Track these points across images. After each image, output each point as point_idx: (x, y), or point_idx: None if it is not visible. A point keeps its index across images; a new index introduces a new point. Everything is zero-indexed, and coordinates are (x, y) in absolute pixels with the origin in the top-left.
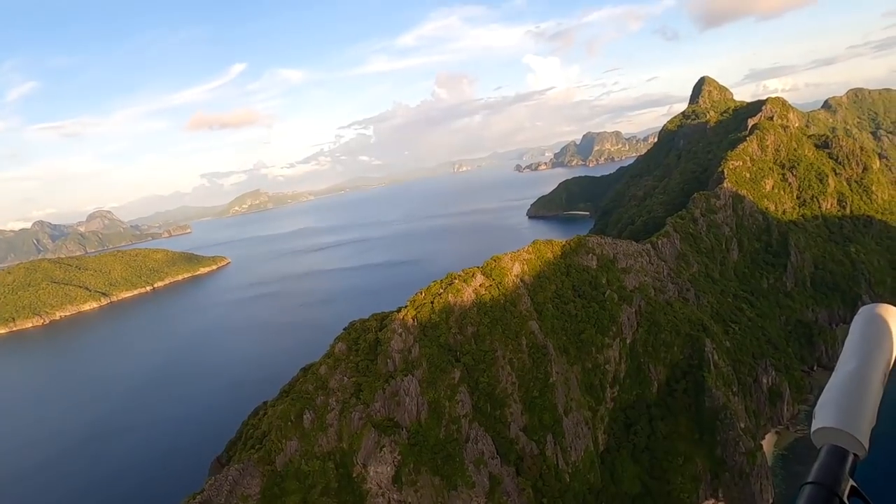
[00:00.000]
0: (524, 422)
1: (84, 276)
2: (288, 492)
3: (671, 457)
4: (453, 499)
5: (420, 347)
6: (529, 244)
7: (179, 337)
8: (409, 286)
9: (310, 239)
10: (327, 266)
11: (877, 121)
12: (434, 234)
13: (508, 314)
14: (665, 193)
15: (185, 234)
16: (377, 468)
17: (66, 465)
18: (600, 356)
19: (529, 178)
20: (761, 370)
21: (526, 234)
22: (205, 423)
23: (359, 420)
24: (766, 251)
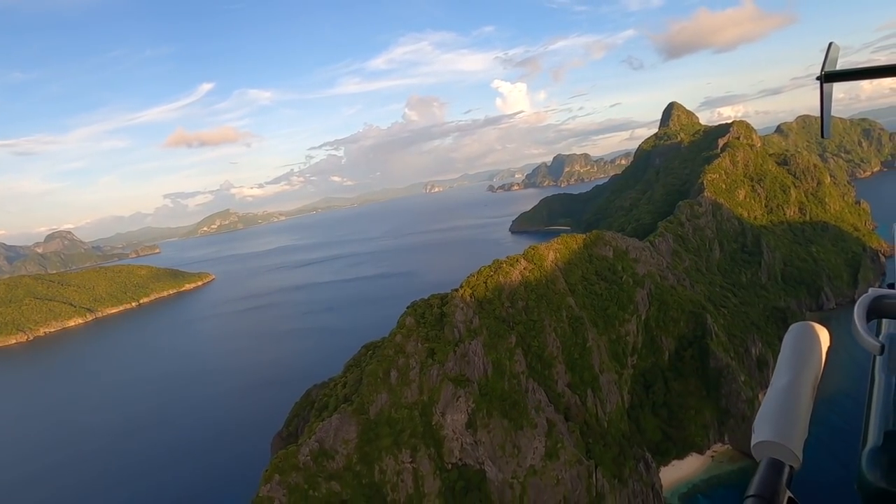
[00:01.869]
0: (568, 379)
1: (68, 292)
2: (381, 436)
3: (684, 410)
4: (519, 437)
5: (479, 318)
6: (557, 238)
7: (193, 343)
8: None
9: (293, 255)
10: (320, 279)
11: (823, 144)
12: (421, 248)
13: (550, 291)
14: (650, 203)
15: (153, 254)
16: (453, 416)
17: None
18: (622, 329)
19: (503, 198)
20: (750, 342)
21: (511, 246)
22: (250, 413)
23: (436, 376)
24: (742, 251)
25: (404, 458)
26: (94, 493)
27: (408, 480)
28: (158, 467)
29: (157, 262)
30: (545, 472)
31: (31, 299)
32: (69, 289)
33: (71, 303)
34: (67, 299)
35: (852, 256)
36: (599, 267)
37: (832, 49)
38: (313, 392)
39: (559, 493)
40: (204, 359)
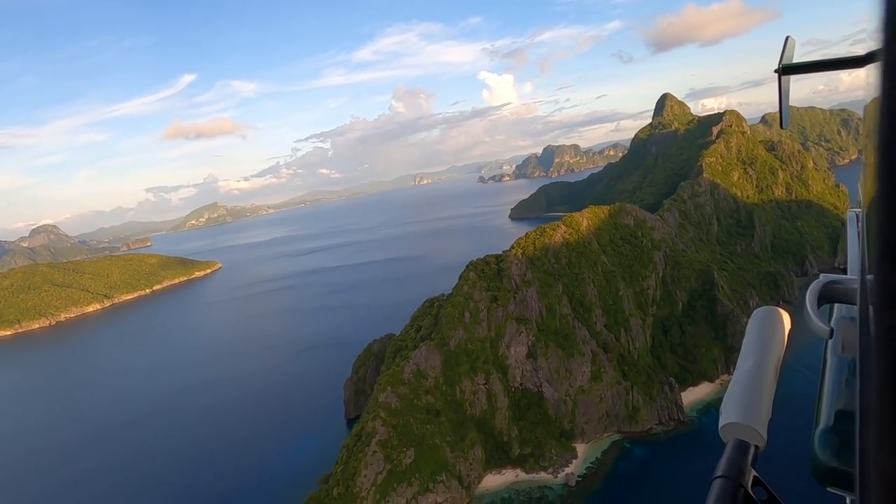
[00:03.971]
0: (604, 321)
1: (83, 280)
2: (460, 363)
3: (697, 348)
4: (570, 363)
5: (531, 272)
6: (587, 208)
7: (227, 321)
8: (426, 275)
9: (295, 245)
10: (330, 265)
11: (804, 133)
12: (424, 236)
13: (587, 250)
14: (652, 186)
15: (145, 247)
16: (516, 348)
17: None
18: (644, 283)
19: (495, 189)
20: (749, 296)
21: (513, 232)
22: (308, 370)
23: (501, 316)
24: (737, 225)
25: (479, 381)
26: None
27: (482, 398)
28: (229, 421)
29: (158, 254)
30: (591, 391)
31: (49, 286)
32: (84, 276)
33: (87, 289)
34: (83, 286)
35: (832, 231)
36: (623, 233)
37: (788, 43)
38: (374, 345)
39: (603, 408)
40: (244, 334)
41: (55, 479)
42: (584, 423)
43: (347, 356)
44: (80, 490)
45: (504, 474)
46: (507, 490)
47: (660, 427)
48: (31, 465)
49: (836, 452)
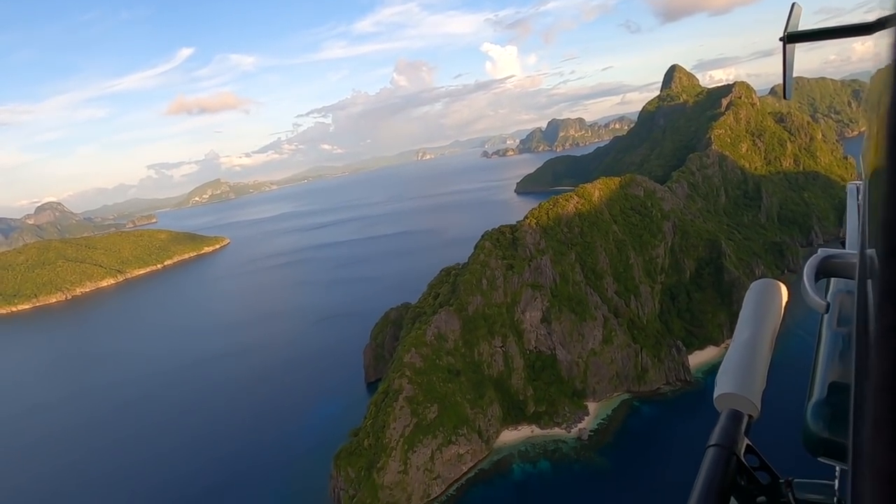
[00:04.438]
0: (615, 287)
1: (96, 255)
2: (478, 327)
3: (703, 314)
4: (583, 327)
5: (545, 241)
6: (598, 179)
7: (243, 293)
8: (437, 248)
9: (301, 220)
10: (340, 239)
11: (814, 105)
12: (430, 210)
13: (598, 220)
14: (661, 158)
15: (150, 224)
16: (531, 313)
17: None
18: (653, 252)
19: (499, 164)
20: (754, 264)
21: (520, 206)
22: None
23: (517, 283)
24: (744, 196)
25: (496, 344)
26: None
27: (499, 360)
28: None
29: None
30: (603, 353)
31: (63, 261)
32: (96, 252)
33: (100, 264)
34: (96, 261)
35: (839, 202)
36: (634, 203)
37: (794, 10)
38: (391, 314)
39: (613, 369)
40: (260, 305)
41: (84, 449)
42: (595, 383)
43: (364, 325)
44: (110, 458)
45: (520, 430)
46: (524, 444)
47: (667, 387)
48: (58, 436)
49: (829, 424)
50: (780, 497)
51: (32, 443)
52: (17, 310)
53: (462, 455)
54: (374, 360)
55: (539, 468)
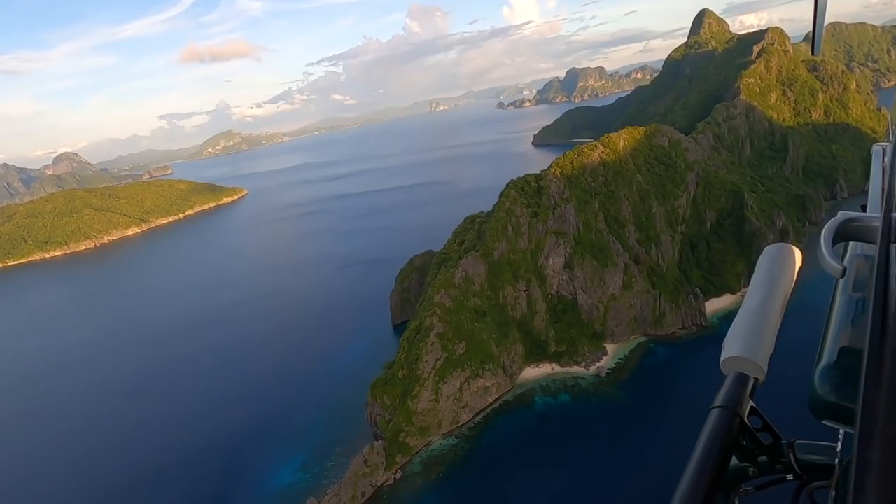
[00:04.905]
0: (637, 236)
1: (120, 204)
2: (503, 272)
3: (722, 263)
4: (604, 273)
5: (569, 189)
6: (623, 129)
7: (266, 242)
8: (455, 199)
9: (317, 171)
10: (357, 190)
11: (850, 53)
12: (446, 162)
13: (623, 169)
14: (686, 108)
15: (166, 174)
16: (554, 259)
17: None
18: (675, 202)
19: (515, 115)
20: (776, 217)
21: (537, 158)
22: (355, 283)
23: (541, 230)
24: (770, 148)
25: (520, 288)
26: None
27: (523, 303)
28: (282, 328)
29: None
30: (622, 298)
31: (89, 210)
32: (120, 201)
33: (125, 213)
34: (121, 210)
35: (868, 155)
36: (658, 153)
37: None
38: (416, 260)
39: (632, 313)
40: (282, 253)
41: (120, 385)
42: (614, 326)
43: (387, 271)
44: (150, 392)
45: (541, 367)
46: (545, 380)
47: (683, 331)
48: (97, 372)
49: (837, 388)
50: (781, 457)
51: (86, 371)
52: (50, 256)
53: (488, 388)
54: (400, 303)
55: (559, 401)
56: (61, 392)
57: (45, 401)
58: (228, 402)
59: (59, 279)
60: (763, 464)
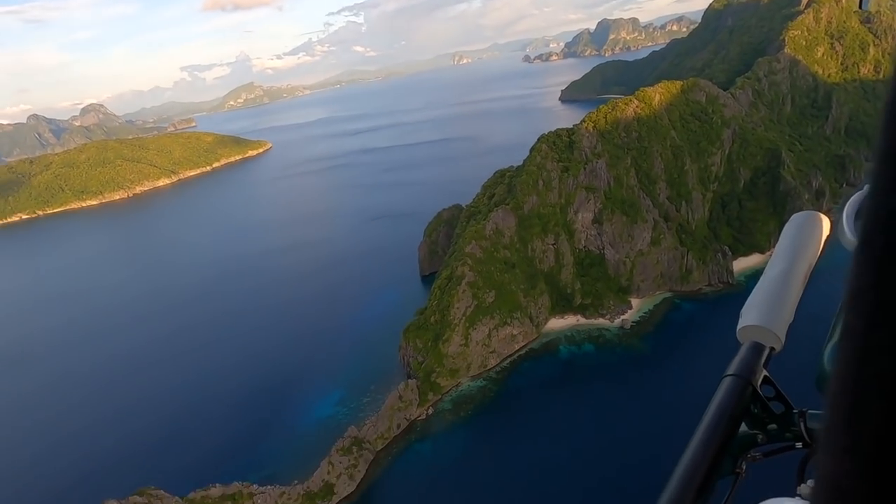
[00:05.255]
0: (668, 193)
1: (149, 155)
2: (532, 225)
3: (753, 222)
4: (633, 229)
5: (602, 144)
6: (660, 83)
7: (295, 194)
8: (481, 154)
9: (340, 126)
10: (382, 145)
11: None
12: (471, 117)
13: (657, 125)
14: (725, 62)
15: (190, 127)
16: (584, 214)
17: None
18: (709, 160)
19: (542, 69)
20: (812, 176)
21: (563, 115)
22: (385, 235)
23: (571, 185)
24: (812, 106)
25: (548, 241)
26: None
27: (550, 256)
28: (311, 278)
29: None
30: (650, 254)
31: (121, 161)
32: (149, 152)
33: (155, 165)
34: (151, 161)
35: None
36: (694, 109)
37: None
38: (444, 214)
39: (659, 269)
40: (310, 206)
41: (160, 326)
42: (640, 281)
43: (413, 225)
44: (190, 336)
45: (566, 318)
46: (570, 330)
47: (709, 288)
48: (138, 314)
49: None
50: (791, 425)
51: (126, 314)
52: (87, 205)
53: (515, 335)
54: (428, 255)
55: (584, 350)
56: (109, 336)
57: (96, 342)
58: (266, 347)
59: (97, 227)
60: (773, 431)
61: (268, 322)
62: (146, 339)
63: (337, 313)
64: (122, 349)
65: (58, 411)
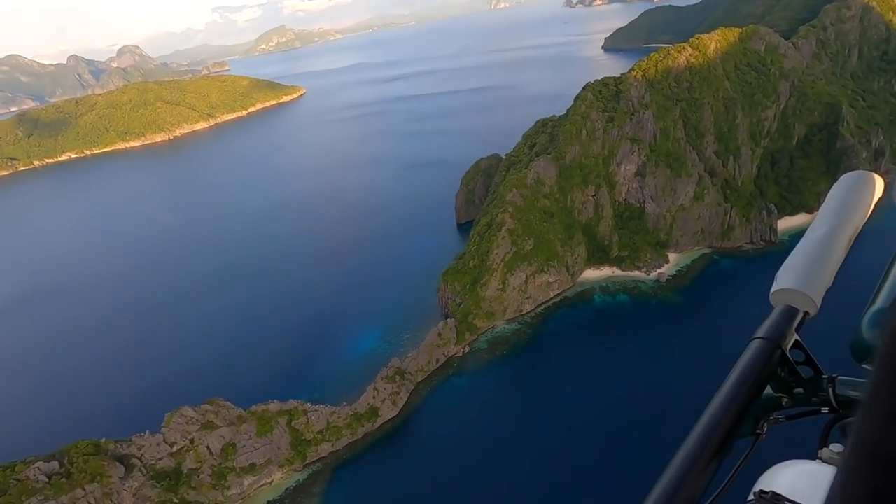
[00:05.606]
0: (715, 147)
1: (188, 98)
2: (573, 175)
3: (803, 181)
4: (676, 183)
5: (650, 94)
6: (716, 30)
7: (333, 140)
8: (520, 105)
9: (374, 72)
10: (417, 92)
11: None
12: (509, 65)
13: (710, 75)
14: (787, 9)
15: (224, 71)
16: (626, 166)
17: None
18: (762, 114)
19: (584, 14)
20: (873, 135)
21: (606, 64)
22: (424, 182)
23: (616, 135)
24: (882, 58)
25: (589, 193)
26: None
27: (590, 207)
28: (348, 221)
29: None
30: (692, 209)
31: (161, 103)
32: (188, 95)
33: (193, 108)
34: (189, 104)
35: None
36: (751, 59)
37: None
38: (482, 163)
39: (699, 225)
40: (345, 152)
41: (214, 261)
42: (679, 235)
43: (449, 174)
44: (233, 273)
45: (602, 270)
46: (605, 281)
47: (750, 245)
48: (190, 251)
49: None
50: (819, 391)
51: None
52: (130, 146)
53: (551, 283)
54: (465, 203)
55: (618, 300)
56: (164, 269)
57: (157, 274)
58: (310, 285)
59: (143, 169)
60: (799, 395)
61: (310, 263)
62: (203, 273)
63: (375, 257)
64: (180, 281)
65: (137, 335)
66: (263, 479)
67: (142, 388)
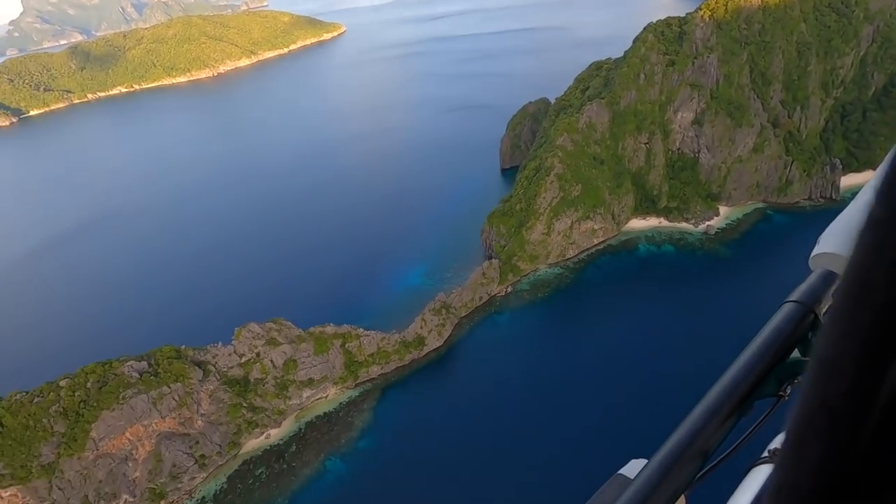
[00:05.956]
0: (782, 96)
1: (230, 34)
2: (626, 122)
3: (875, 136)
4: (736, 133)
5: (716, 37)
6: None
7: (378, 80)
8: (567, 49)
9: (416, 10)
10: (460, 32)
11: None
12: (556, 6)
13: (785, 16)
14: None
15: (262, 6)
16: (683, 114)
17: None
18: (839, 61)
19: None
20: None
21: (667, 4)
22: (471, 125)
23: (676, 81)
24: None
25: (641, 140)
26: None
27: (641, 156)
28: (392, 165)
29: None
30: (749, 161)
31: (205, 38)
32: (230, 31)
33: (236, 44)
34: (232, 41)
35: None
36: (833, 0)
37: None
38: (529, 107)
39: (756, 178)
40: (387, 94)
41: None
42: (732, 188)
43: (494, 117)
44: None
45: (648, 220)
46: (651, 231)
47: (808, 202)
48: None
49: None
50: None
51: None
52: (177, 82)
53: (595, 230)
54: (510, 148)
55: (663, 250)
56: (216, 199)
57: (207, 209)
58: (357, 223)
59: (192, 104)
60: None
61: (355, 201)
62: (265, 210)
63: (420, 198)
64: (247, 218)
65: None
66: (320, 393)
67: (214, 304)
